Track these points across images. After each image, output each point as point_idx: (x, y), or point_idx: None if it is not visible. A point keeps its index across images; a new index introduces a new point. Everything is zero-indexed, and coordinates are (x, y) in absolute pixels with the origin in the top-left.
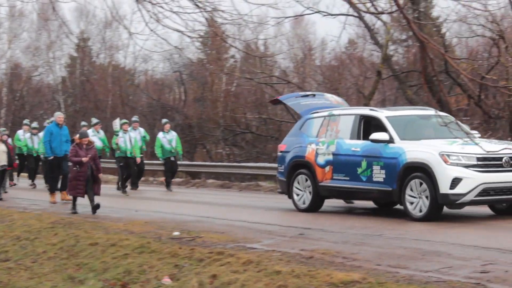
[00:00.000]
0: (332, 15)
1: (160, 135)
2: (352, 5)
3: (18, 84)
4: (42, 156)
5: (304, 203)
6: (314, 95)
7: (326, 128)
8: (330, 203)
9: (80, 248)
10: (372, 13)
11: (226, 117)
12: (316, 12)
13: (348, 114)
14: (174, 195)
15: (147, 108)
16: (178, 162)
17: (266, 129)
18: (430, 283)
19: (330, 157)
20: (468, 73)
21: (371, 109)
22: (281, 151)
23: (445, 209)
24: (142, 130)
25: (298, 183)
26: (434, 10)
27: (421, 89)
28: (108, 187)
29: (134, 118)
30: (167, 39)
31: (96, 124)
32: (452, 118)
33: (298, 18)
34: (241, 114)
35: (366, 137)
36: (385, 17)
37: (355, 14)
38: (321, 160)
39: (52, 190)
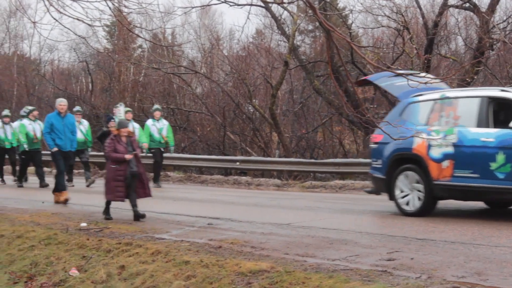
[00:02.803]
0: (238, 5)
1: (149, 122)
2: None
3: None
4: (25, 145)
5: (411, 206)
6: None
7: (439, 114)
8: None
9: None
10: (277, 3)
11: (134, 107)
12: (223, 2)
13: (470, 97)
14: (83, 186)
15: (54, 98)
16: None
17: (174, 119)
18: (337, 271)
19: (450, 150)
20: (374, 62)
21: (502, 90)
22: (376, 142)
23: (351, 198)
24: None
25: (403, 181)
26: (340, 1)
27: (328, 79)
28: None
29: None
30: (74, 28)
31: (32, 111)
32: None
33: (205, 8)
34: (149, 104)
35: (498, 124)
36: (291, 7)
37: (261, 4)
38: (436, 153)
39: (60, 188)
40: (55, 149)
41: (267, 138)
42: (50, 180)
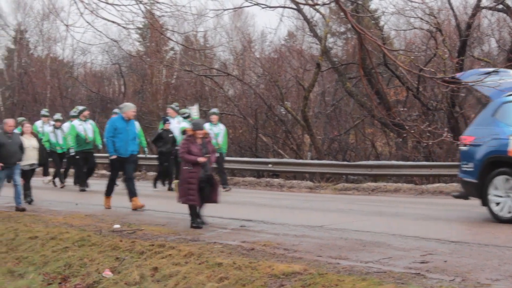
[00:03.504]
0: (270, 7)
1: (207, 126)
2: None
3: None
4: (71, 151)
5: (506, 212)
6: (497, 71)
7: None
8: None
9: (20, 242)
10: (309, 5)
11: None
12: (255, 5)
13: None
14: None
15: (87, 100)
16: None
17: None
18: (370, 274)
19: None
20: (406, 65)
21: None
22: (467, 144)
23: (383, 201)
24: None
25: (497, 186)
26: (372, 3)
27: (360, 82)
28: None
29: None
30: (107, 31)
31: (83, 111)
32: None
33: (237, 10)
34: (181, 106)
35: None
36: (323, 9)
37: (293, 6)
38: None
39: (108, 193)
40: (114, 156)
41: (299, 140)
42: (96, 183)
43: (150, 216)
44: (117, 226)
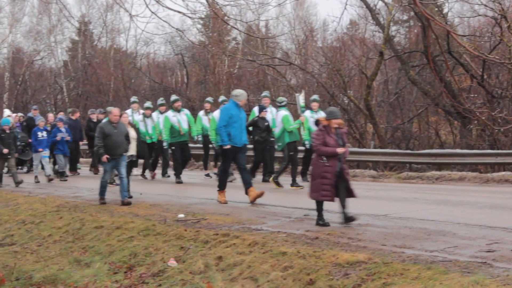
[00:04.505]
0: None
1: (308, 114)
2: None
3: (20, 69)
4: (164, 142)
5: None
6: None
7: None
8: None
9: (86, 231)
10: None
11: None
12: None
13: None
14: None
15: (150, 91)
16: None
17: None
18: (435, 263)
19: None
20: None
21: None
22: None
23: (448, 189)
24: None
25: None
26: None
27: (423, 70)
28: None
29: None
30: (169, 21)
31: (174, 101)
32: None
33: None
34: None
35: None
36: None
37: None
38: None
39: (222, 186)
40: (228, 146)
41: (362, 129)
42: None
43: (214, 206)
44: (181, 215)
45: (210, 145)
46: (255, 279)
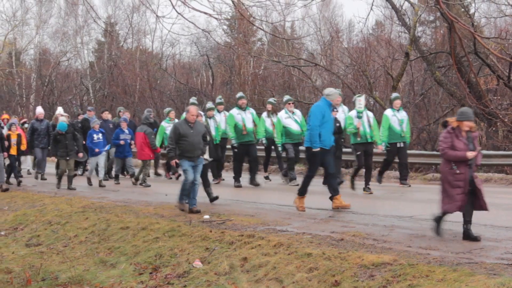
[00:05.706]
0: None
1: (389, 112)
2: None
3: (46, 70)
4: (233, 142)
5: None
6: None
7: None
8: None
9: (111, 232)
10: None
11: (254, 100)
12: None
13: None
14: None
15: (175, 92)
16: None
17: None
18: (461, 265)
19: None
20: (498, 53)
21: None
22: None
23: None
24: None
25: None
26: None
27: (449, 71)
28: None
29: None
30: (195, 22)
31: (239, 98)
32: None
33: (325, 0)
34: (268, 97)
35: None
36: None
37: None
38: None
39: (302, 192)
40: (318, 149)
41: None
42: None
43: (239, 207)
44: (206, 216)
45: (273, 147)
46: (280, 280)
